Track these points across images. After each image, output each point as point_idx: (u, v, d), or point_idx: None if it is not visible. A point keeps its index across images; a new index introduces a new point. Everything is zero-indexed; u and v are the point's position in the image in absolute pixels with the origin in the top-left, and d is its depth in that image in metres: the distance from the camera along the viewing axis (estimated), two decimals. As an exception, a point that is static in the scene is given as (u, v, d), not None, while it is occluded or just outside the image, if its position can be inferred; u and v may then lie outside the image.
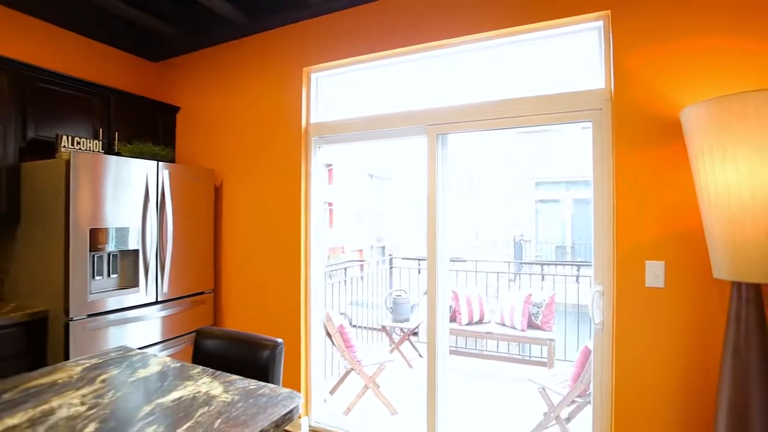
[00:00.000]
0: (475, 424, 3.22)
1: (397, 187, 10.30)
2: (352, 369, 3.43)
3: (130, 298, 2.70)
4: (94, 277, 2.51)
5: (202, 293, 3.19)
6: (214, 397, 1.29)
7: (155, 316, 2.85)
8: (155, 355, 1.68)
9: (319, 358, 3.08)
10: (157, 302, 2.85)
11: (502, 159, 9.52)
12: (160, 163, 2.88)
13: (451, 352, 4.34)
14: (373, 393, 3.39)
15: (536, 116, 2.32)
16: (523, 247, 10.27)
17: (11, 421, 1.13)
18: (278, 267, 3.08)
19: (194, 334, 2.98)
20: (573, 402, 2.82)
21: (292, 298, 3.01)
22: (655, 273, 1.99)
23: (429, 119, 2.60)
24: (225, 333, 1.83)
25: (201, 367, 1.56)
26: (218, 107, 3.44)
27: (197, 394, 1.31)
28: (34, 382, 1.39)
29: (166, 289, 2.89)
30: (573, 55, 2.38)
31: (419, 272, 5.33)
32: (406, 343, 4.69)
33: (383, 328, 4.72)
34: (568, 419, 2.98)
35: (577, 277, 5.26)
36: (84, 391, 1.33)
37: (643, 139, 2.03)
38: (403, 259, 5.59)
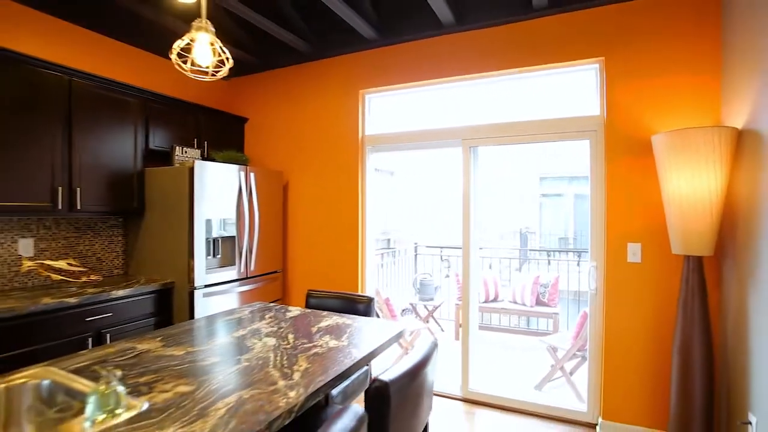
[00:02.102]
0: (495, 379, 3.98)
1: (400, 181, 10.86)
2: (394, 334, 4.20)
3: (229, 273, 3.46)
4: (206, 257, 3.27)
5: (275, 272, 3.96)
6: (349, 324, 2.06)
7: (244, 289, 3.61)
8: (287, 305, 2.44)
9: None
10: (246, 278, 3.62)
11: (510, 157, 10.21)
12: (247, 167, 3.62)
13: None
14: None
15: (548, 134, 3.07)
16: (528, 239, 11.00)
17: (238, 333, 1.89)
18: (338, 250, 3.83)
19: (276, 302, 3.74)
20: (574, 356, 3.58)
21: (350, 276, 3.77)
22: (634, 252, 2.74)
23: (464, 134, 3.35)
24: (329, 293, 2.59)
25: (327, 311, 2.32)
26: (282, 119, 4.18)
27: (338, 323, 2.07)
28: (227, 318, 2.15)
29: (252, 267, 3.66)
30: (577, 87, 3.11)
31: (441, 259, 6.09)
32: (430, 318, 5.45)
33: (411, 306, 5.49)
34: (571, 373, 3.74)
35: (579, 262, 6.01)
36: (264, 322, 2.09)
37: (627, 155, 2.77)
38: (426, 247, 6.36)
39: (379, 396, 1.16)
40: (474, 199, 3.33)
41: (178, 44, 1.56)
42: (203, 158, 3.73)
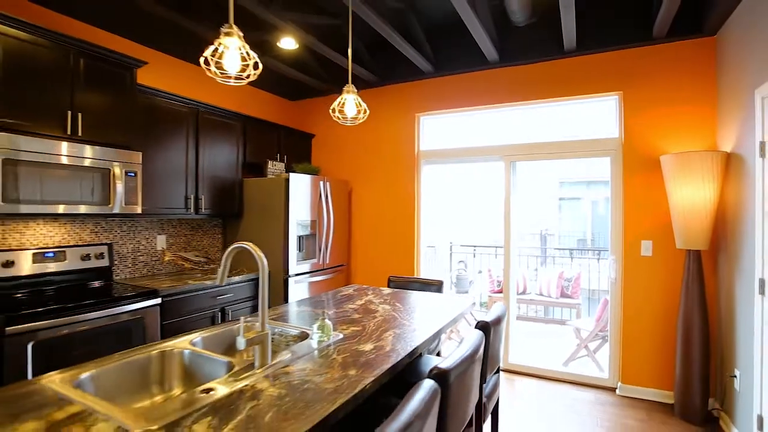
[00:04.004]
0: (528, 356, 4.67)
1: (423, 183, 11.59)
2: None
3: (310, 264, 4.22)
4: (296, 251, 4.03)
5: (341, 265, 4.72)
6: (434, 297, 2.79)
7: (319, 279, 4.37)
8: (377, 287, 3.19)
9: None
10: (323, 269, 4.38)
11: (532, 163, 10.83)
12: (324, 177, 4.39)
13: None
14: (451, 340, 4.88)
15: (576, 152, 3.77)
16: (547, 240, 11.62)
17: (358, 302, 2.64)
18: (396, 247, 4.57)
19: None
20: (596, 336, 4.26)
21: (407, 270, 4.50)
22: (646, 247, 3.43)
23: (505, 151, 4.06)
24: (407, 278, 3.33)
25: (409, 291, 3.06)
26: (346, 136, 4.94)
27: (424, 297, 2.80)
28: (337, 295, 2.90)
29: (327, 260, 4.42)
30: (600, 113, 3.81)
31: (474, 256, 6.80)
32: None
33: (448, 297, 6.21)
34: (594, 351, 4.41)
35: (599, 259, 6.67)
36: (370, 296, 2.83)
37: (640, 170, 3.46)
38: (461, 245, 7.06)
39: (484, 327, 1.90)
40: (514, 206, 4.04)
41: (353, 116, 2.31)
42: (286, 170, 4.50)
